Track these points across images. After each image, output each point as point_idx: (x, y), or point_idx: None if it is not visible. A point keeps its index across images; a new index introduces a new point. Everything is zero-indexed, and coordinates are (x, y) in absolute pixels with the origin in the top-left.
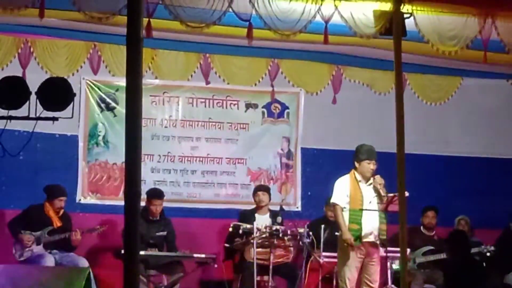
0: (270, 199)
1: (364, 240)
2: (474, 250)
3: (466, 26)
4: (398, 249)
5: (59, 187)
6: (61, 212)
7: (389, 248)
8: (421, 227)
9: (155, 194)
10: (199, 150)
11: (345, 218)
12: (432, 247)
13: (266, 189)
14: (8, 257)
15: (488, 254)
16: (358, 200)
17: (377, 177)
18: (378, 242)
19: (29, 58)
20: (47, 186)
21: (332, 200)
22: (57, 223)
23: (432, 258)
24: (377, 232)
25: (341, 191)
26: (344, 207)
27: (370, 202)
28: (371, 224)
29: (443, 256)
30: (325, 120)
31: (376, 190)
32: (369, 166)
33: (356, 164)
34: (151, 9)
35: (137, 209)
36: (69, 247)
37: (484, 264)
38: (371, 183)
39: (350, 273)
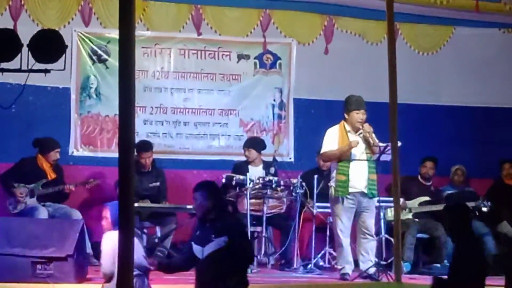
0: (260, 152)
1: (353, 190)
2: (470, 204)
3: None
4: (391, 198)
5: (52, 139)
6: (54, 164)
7: (382, 198)
8: (419, 177)
9: (143, 147)
10: (191, 102)
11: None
12: (428, 198)
13: (252, 145)
14: (1, 210)
15: (484, 209)
16: None
17: (366, 125)
18: (367, 191)
19: (20, 10)
20: (38, 140)
21: (321, 151)
22: (51, 175)
23: (428, 209)
24: (367, 182)
25: (330, 141)
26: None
27: (362, 152)
28: (360, 174)
29: (439, 207)
30: (317, 70)
31: (365, 139)
32: (358, 116)
33: (346, 115)
34: None
35: (131, 160)
36: (62, 199)
37: (477, 213)
38: (361, 133)
39: (342, 223)
